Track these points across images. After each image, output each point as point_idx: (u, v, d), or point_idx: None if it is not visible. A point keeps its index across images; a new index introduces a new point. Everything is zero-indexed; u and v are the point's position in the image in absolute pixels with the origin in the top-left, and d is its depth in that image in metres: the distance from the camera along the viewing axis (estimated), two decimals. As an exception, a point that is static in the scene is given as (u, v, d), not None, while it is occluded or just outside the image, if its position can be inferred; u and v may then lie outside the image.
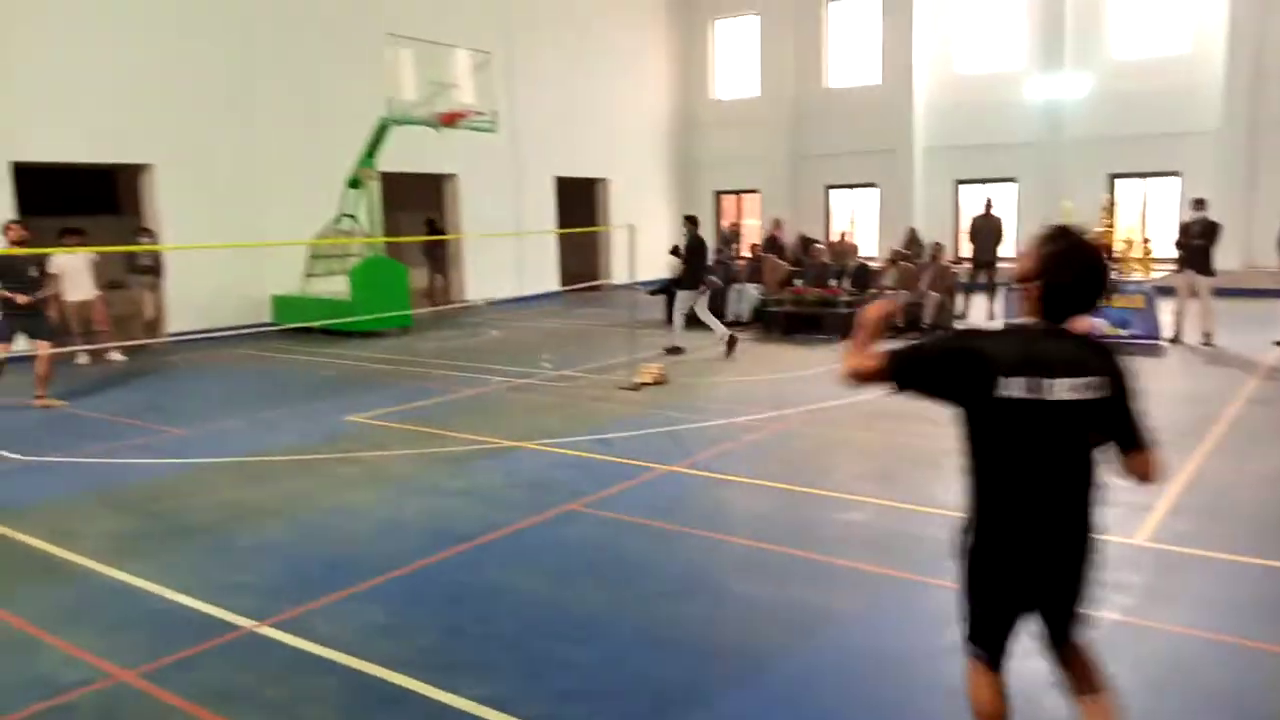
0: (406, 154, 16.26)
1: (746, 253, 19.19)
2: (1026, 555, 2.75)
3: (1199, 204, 12.75)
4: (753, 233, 23.50)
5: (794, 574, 5.11)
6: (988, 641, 2.86)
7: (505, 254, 20.21)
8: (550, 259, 21.53)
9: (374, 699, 3.81)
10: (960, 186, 21.94)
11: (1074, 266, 2.70)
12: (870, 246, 21.36)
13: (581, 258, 22.88)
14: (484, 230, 19.32)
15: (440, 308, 17.89)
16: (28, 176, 13.38)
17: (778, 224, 19.28)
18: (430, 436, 8.22)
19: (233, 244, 14.37)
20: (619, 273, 22.12)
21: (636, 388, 10.11)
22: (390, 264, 15.32)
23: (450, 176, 19.29)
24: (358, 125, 15.16)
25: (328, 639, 4.29)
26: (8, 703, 3.78)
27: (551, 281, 21.30)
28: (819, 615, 4.61)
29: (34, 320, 9.75)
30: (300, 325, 14.55)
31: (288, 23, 16.06)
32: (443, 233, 18.96)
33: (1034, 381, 2.63)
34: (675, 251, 14.37)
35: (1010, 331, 2.96)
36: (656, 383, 10.31)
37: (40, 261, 10.02)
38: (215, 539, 5.76)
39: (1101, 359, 2.71)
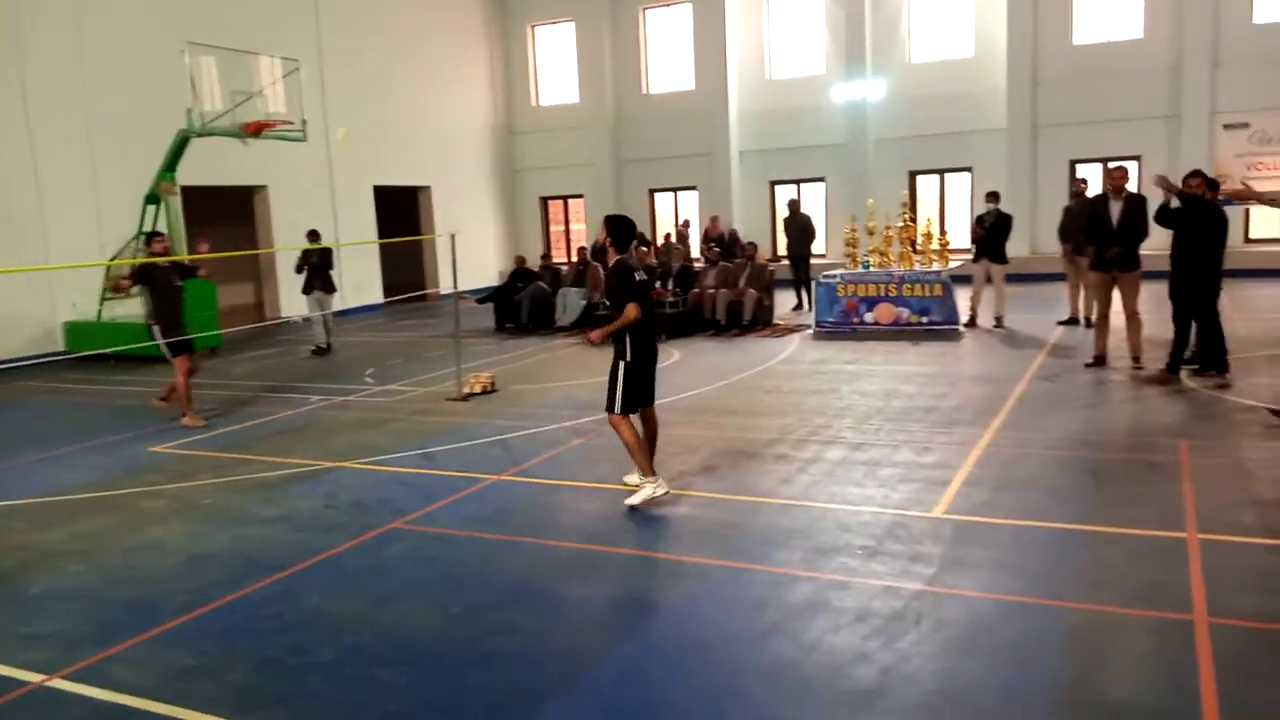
0: (211, 167, 15.45)
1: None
2: (648, 364, 6.22)
3: (992, 197, 13.63)
4: (581, 238, 23.62)
5: (624, 573, 5.18)
6: (632, 406, 6.13)
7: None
8: (372, 270, 20.92)
9: (181, 745, 3.60)
10: (776, 187, 22.81)
11: (622, 228, 6.23)
12: (696, 248, 21.78)
13: (405, 268, 22.36)
14: (298, 244, 18.51)
15: (250, 326, 17.05)
16: None
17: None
18: (241, 463, 7.83)
19: (11, 270, 13.22)
20: (444, 282, 21.73)
21: (465, 398, 9.97)
22: (194, 282, 14.45)
23: (260, 188, 18.45)
24: (156, 138, 14.27)
25: (130, 686, 4.02)
26: None
27: (374, 293, 20.73)
28: (646, 611, 4.69)
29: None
30: (96, 353, 13.55)
31: (68, 31, 14.92)
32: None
33: (643, 277, 6.14)
34: (302, 265, 14.34)
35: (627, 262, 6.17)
36: (485, 391, 10.20)
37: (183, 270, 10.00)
38: (3, 589, 5.29)
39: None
